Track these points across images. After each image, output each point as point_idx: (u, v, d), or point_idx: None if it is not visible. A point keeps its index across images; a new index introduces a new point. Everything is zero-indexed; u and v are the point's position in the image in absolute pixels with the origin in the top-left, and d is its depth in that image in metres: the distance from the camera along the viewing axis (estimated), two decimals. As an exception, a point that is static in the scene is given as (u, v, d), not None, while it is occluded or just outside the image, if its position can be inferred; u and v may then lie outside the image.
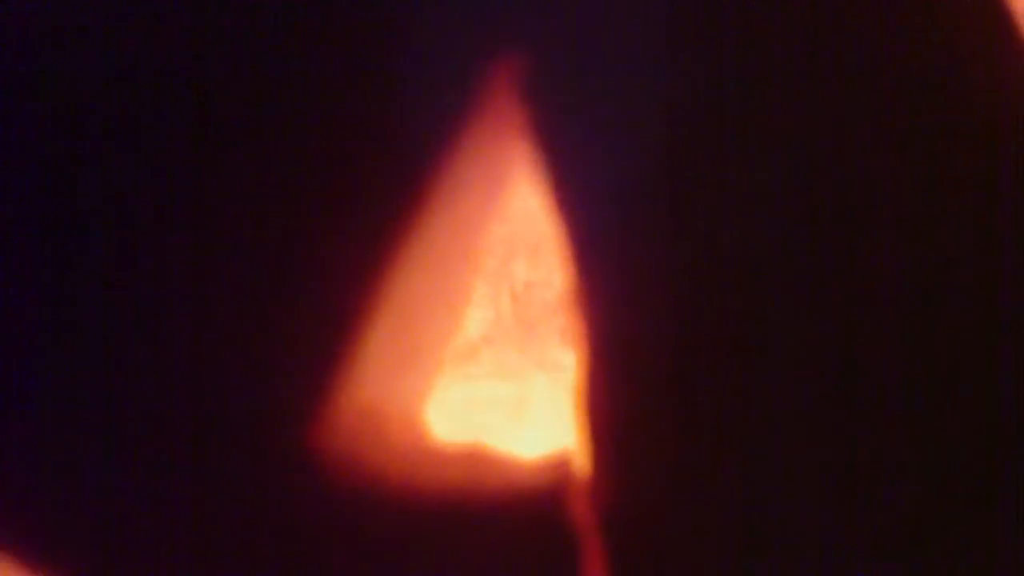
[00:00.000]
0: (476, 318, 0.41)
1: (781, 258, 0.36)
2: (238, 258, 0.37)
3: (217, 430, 0.38)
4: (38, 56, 0.40)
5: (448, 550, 0.39)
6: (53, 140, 0.39)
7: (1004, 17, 0.39)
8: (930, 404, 0.37)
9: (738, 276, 0.37)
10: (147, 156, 0.38)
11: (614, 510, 0.40)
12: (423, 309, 0.39)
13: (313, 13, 0.39)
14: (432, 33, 0.38)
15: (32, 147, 0.40)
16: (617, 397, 0.39)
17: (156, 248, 0.38)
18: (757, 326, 0.37)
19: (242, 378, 0.37)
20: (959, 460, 0.38)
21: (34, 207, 0.39)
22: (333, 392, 0.38)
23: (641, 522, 0.40)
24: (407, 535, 0.38)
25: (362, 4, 0.39)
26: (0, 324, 0.39)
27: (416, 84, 0.38)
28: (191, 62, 0.38)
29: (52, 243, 0.39)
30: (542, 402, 0.42)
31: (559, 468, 0.40)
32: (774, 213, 0.37)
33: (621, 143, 0.36)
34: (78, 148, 0.39)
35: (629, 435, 0.39)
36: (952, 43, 0.38)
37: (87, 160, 0.39)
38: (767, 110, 0.37)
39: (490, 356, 0.43)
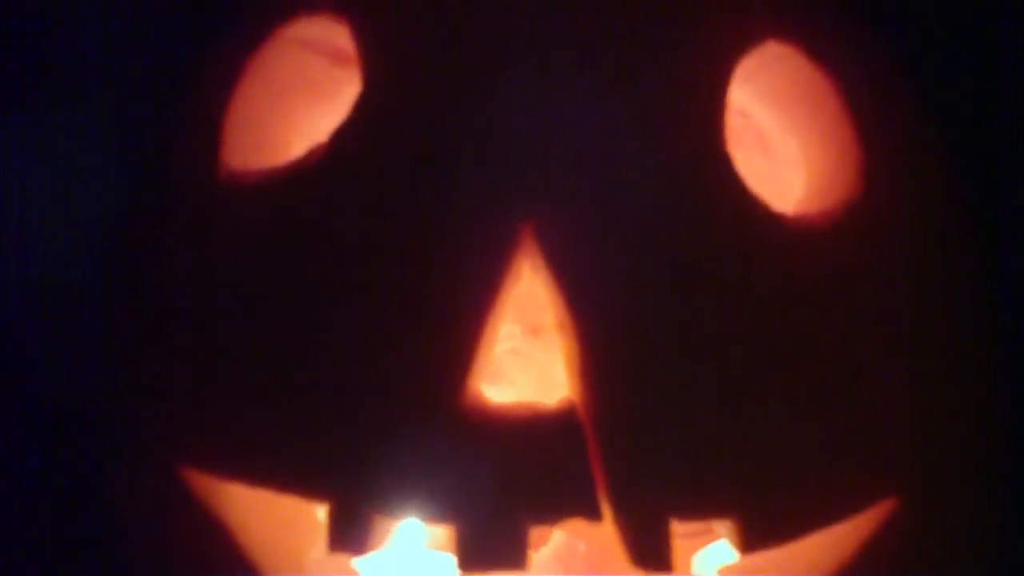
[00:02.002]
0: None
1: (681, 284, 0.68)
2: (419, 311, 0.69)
3: (418, 392, 0.68)
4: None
5: (513, 451, 0.67)
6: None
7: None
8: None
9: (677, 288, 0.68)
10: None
11: (602, 427, 0.68)
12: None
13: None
14: (479, 206, 0.69)
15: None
16: (598, 368, 0.68)
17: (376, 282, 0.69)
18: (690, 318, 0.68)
19: (431, 368, 0.68)
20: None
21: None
22: (468, 372, 0.68)
23: (619, 431, 0.68)
24: (507, 441, 0.67)
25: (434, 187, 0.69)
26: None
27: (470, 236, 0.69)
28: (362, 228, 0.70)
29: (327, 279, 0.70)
30: (551, 375, 0.72)
31: (568, 405, 0.68)
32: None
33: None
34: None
35: (609, 387, 0.68)
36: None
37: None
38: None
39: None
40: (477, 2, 0.74)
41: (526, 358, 0.75)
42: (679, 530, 0.69)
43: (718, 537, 0.74)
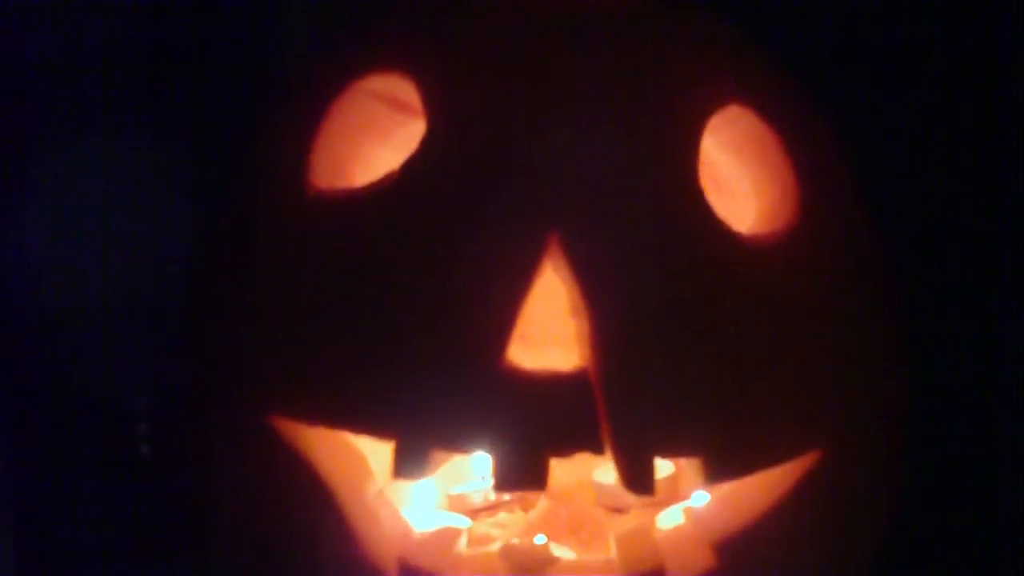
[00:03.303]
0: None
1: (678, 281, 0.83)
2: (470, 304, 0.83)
3: (468, 358, 0.82)
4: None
5: (539, 402, 0.79)
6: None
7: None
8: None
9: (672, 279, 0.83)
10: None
11: (607, 386, 0.81)
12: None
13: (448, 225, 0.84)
14: (517, 219, 0.85)
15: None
16: (605, 343, 0.81)
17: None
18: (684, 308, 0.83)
19: (478, 340, 0.81)
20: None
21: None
22: (506, 343, 0.81)
23: (619, 390, 0.81)
24: (535, 395, 0.81)
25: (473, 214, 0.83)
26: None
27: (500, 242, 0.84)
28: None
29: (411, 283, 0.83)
30: (565, 346, 0.83)
31: (582, 370, 0.81)
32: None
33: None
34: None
35: (612, 357, 0.81)
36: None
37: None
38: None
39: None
40: (517, 68, 0.88)
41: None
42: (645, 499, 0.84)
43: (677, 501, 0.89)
